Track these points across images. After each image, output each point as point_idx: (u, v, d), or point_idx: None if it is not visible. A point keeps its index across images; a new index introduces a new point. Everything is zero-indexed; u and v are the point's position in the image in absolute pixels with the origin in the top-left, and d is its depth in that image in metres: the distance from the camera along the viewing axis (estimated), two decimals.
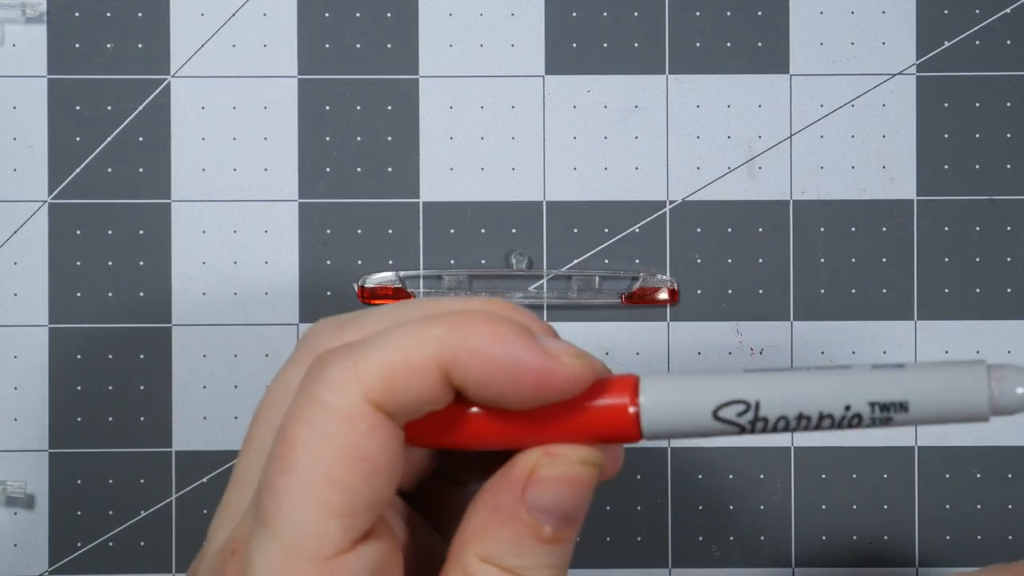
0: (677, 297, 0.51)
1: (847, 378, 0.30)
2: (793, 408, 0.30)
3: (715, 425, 0.30)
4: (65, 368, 0.51)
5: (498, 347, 0.29)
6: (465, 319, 0.30)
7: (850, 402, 0.30)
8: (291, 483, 0.29)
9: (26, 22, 0.51)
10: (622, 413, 0.31)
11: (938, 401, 0.30)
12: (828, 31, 0.52)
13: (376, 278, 0.51)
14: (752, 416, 0.30)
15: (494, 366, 0.29)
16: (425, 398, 0.30)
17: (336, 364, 0.30)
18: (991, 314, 0.52)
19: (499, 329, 0.30)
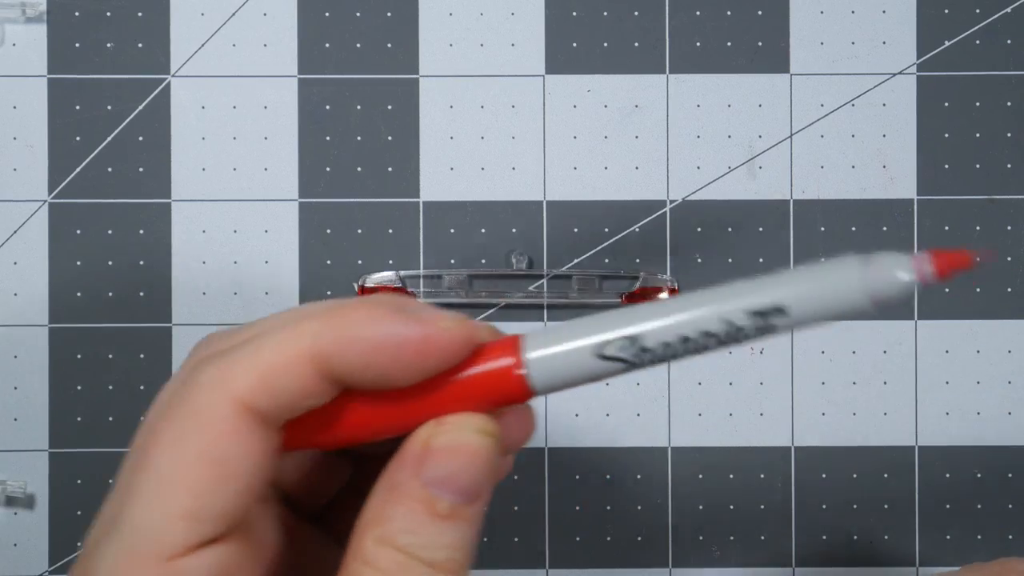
0: None
1: (722, 294, 0.30)
2: (674, 333, 0.30)
3: (603, 365, 0.30)
4: (65, 368, 0.51)
5: (373, 327, 0.29)
6: (338, 309, 0.30)
7: (729, 316, 0.30)
8: (143, 481, 0.29)
9: (26, 22, 0.51)
10: (508, 374, 0.30)
11: (816, 299, 0.29)
12: (828, 31, 0.52)
13: (376, 278, 0.51)
14: (636, 349, 0.30)
15: (372, 346, 0.29)
16: (304, 393, 0.29)
17: (208, 367, 0.29)
18: (991, 314, 0.52)
19: (372, 311, 0.30)
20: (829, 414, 0.52)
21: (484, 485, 0.30)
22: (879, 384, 0.52)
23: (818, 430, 0.52)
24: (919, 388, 0.52)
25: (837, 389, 0.52)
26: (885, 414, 0.52)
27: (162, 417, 0.29)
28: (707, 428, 0.52)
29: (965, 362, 0.52)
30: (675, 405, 0.52)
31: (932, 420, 0.52)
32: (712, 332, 0.30)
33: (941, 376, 0.52)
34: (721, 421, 0.52)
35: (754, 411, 0.52)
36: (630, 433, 0.52)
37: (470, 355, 0.30)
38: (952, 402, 0.52)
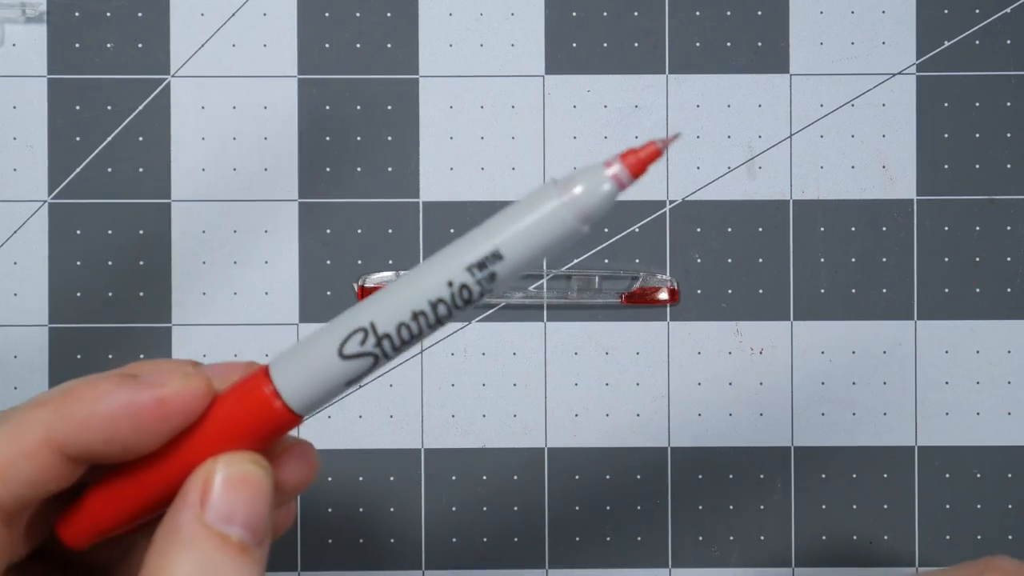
0: (677, 297, 0.51)
1: (438, 259, 0.30)
2: (404, 311, 0.29)
3: (351, 365, 0.30)
4: (65, 368, 0.51)
5: (104, 402, 0.29)
6: (62, 392, 0.29)
7: (450, 278, 0.29)
8: None
9: (26, 22, 0.51)
10: (261, 400, 0.30)
11: (526, 235, 0.29)
12: (828, 31, 0.52)
13: (376, 278, 0.51)
14: (375, 338, 0.30)
15: (107, 422, 0.29)
16: (41, 480, 0.29)
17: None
18: (991, 314, 0.52)
19: (97, 387, 0.29)
20: (829, 414, 0.52)
21: (267, 522, 0.30)
22: (879, 384, 0.52)
23: (818, 430, 0.52)
24: (919, 388, 0.52)
25: (837, 389, 0.52)
26: (885, 414, 0.52)
27: None
28: (707, 428, 0.52)
29: (965, 362, 0.52)
30: (675, 405, 0.52)
31: (932, 420, 0.52)
32: (441, 298, 0.29)
33: (941, 376, 0.52)
34: (721, 421, 0.52)
35: (754, 411, 0.52)
36: (630, 433, 0.52)
37: (222, 396, 0.30)
38: (952, 402, 0.52)
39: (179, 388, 0.30)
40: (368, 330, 0.30)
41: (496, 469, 0.52)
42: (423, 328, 0.30)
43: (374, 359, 0.30)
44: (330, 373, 0.30)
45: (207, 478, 0.29)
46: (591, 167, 0.29)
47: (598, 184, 0.29)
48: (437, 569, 0.51)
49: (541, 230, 0.29)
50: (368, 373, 0.30)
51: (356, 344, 0.30)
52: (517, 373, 0.52)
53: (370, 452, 0.51)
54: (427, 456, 0.52)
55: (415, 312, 0.30)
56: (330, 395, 0.30)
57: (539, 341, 0.52)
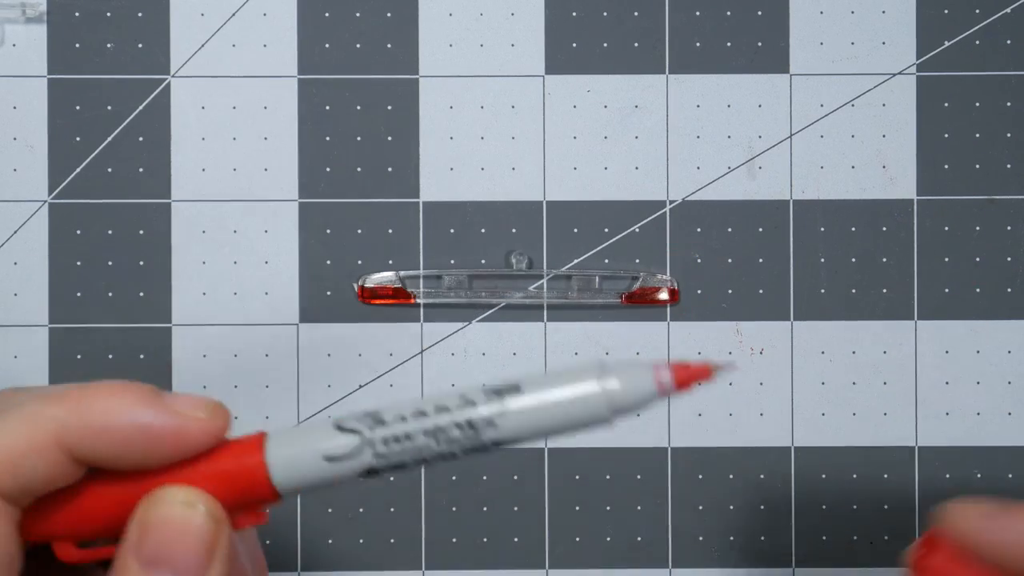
0: (677, 297, 0.51)
1: (467, 387, 0.30)
2: (409, 407, 0.30)
3: (337, 437, 0.30)
4: (65, 367, 0.51)
5: (123, 418, 0.29)
6: (85, 393, 0.29)
7: (464, 392, 0.30)
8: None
9: (26, 22, 0.51)
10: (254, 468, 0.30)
11: (552, 391, 0.29)
12: (828, 31, 0.52)
13: (376, 278, 0.51)
14: (371, 421, 0.30)
15: (122, 437, 0.29)
16: (49, 478, 0.29)
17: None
18: (991, 314, 0.52)
19: (122, 400, 0.29)
20: (829, 414, 0.52)
21: (202, 562, 0.29)
22: (879, 384, 0.52)
23: (818, 430, 0.52)
24: (919, 388, 0.52)
25: (837, 389, 0.52)
26: (885, 414, 0.52)
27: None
28: (707, 428, 0.52)
29: (965, 362, 0.52)
30: (675, 405, 0.52)
31: (932, 420, 0.52)
32: (446, 406, 0.30)
33: (941, 376, 0.52)
34: (721, 421, 0.52)
35: (754, 411, 0.52)
36: (630, 433, 0.52)
37: (218, 444, 0.30)
38: (952, 402, 0.52)
39: (200, 424, 0.30)
40: (372, 413, 0.30)
41: (496, 469, 0.52)
42: (418, 432, 0.29)
43: (361, 440, 0.30)
44: (322, 440, 0.30)
45: (143, 516, 0.29)
46: (640, 366, 0.29)
47: (642, 385, 0.29)
48: (437, 569, 0.51)
49: (568, 394, 0.29)
50: (358, 469, 0.30)
51: (355, 420, 0.30)
52: (517, 373, 0.52)
53: None
54: None
55: (419, 410, 0.30)
56: (315, 474, 0.30)
57: (539, 341, 0.52)
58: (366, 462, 0.30)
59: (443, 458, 0.30)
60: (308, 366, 0.51)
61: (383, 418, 0.30)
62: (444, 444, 0.30)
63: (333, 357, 0.51)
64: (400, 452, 0.30)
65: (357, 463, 0.30)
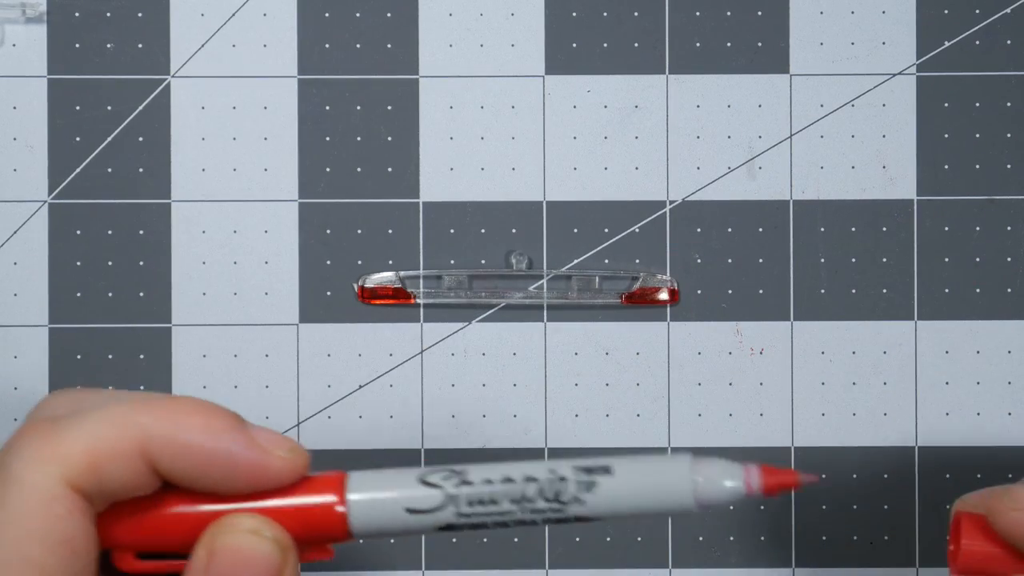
0: (677, 297, 0.51)
1: (556, 460, 0.30)
2: (498, 471, 0.30)
3: (421, 491, 0.30)
4: (65, 368, 0.51)
5: (211, 441, 0.29)
6: (175, 408, 0.29)
7: (554, 467, 0.30)
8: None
9: (26, 22, 0.51)
10: (329, 508, 0.30)
11: (642, 474, 0.30)
12: (828, 31, 0.52)
13: (376, 278, 0.51)
14: (458, 480, 0.30)
15: (206, 460, 0.29)
16: (128, 485, 0.29)
17: (37, 441, 0.29)
18: (991, 314, 0.52)
19: (210, 423, 0.29)
20: (829, 414, 0.52)
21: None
22: (879, 384, 0.52)
23: (818, 430, 0.52)
24: (919, 388, 0.52)
25: (837, 389, 0.52)
26: (885, 414, 0.52)
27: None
28: (707, 428, 0.52)
29: (965, 362, 0.52)
30: (675, 405, 0.52)
31: (932, 420, 0.52)
32: (536, 477, 0.30)
33: (941, 376, 0.52)
34: (721, 421, 0.52)
35: (754, 411, 0.52)
36: (630, 433, 0.52)
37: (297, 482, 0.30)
38: (952, 402, 0.52)
39: (284, 462, 0.30)
40: (458, 473, 0.30)
41: None
42: (503, 496, 0.30)
43: (445, 498, 0.30)
44: (403, 488, 0.30)
45: (211, 540, 0.29)
46: (731, 464, 0.30)
47: (731, 484, 0.30)
48: (437, 569, 0.51)
49: (657, 481, 0.30)
50: (435, 524, 0.30)
51: (439, 477, 0.30)
52: (517, 373, 0.52)
53: (370, 452, 0.51)
54: (427, 456, 0.52)
55: (506, 477, 0.30)
56: (394, 521, 0.30)
57: (539, 341, 0.52)
58: (446, 519, 0.30)
59: (522, 524, 0.30)
60: (308, 366, 0.51)
61: (469, 478, 0.30)
62: (527, 513, 0.30)
63: (333, 357, 0.51)
64: (482, 514, 0.30)
65: (437, 518, 0.30)
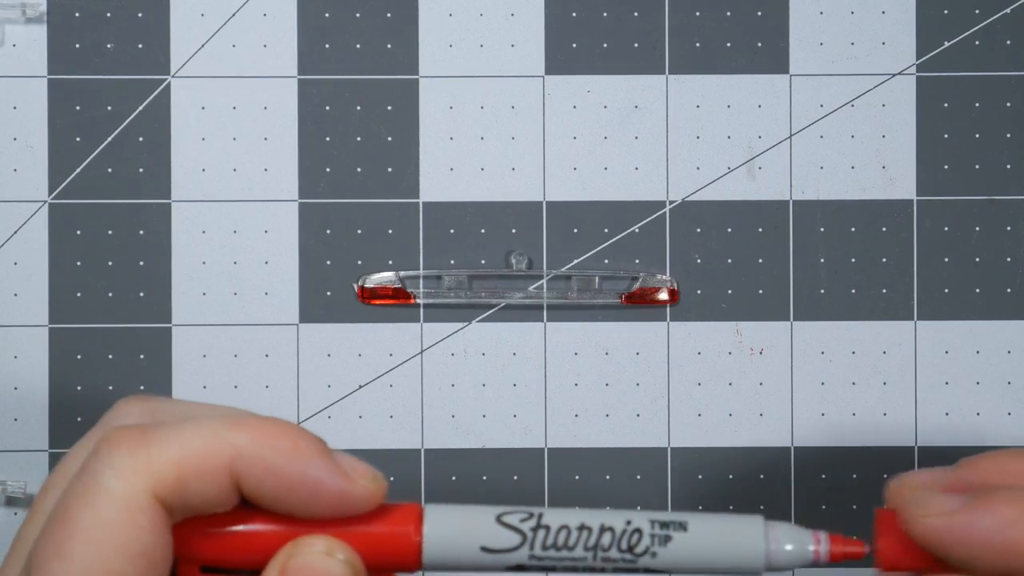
0: (677, 297, 0.52)
1: (631, 512, 0.31)
2: (575, 518, 0.30)
3: (498, 531, 0.30)
4: (65, 368, 0.51)
5: (298, 465, 0.29)
6: (266, 429, 0.29)
7: (631, 518, 0.30)
8: (66, 570, 0.28)
9: (26, 22, 0.51)
10: (406, 537, 0.31)
11: (718, 533, 0.30)
12: (828, 31, 0.52)
13: (376, 278, 0.51)
14: (535, 523, 0.30)
15: (291, 483, 0.29)
16: (211, 501, 0.29)
17: (127, 449, 0.29)
18: (991, 314, 0.52)
19: (299, 446, 0.29)
20: (829, 414, 0.52)
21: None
22: (879, 384, 0.52)
23: (818, 430, 0.52)
24: (919, 388, 0.52)
25: (837, 389, 0.52)
26: (885, 414, 0.52)
27: (78, 500, 0.28)
28: (707, 428, 0.52)
29: (965, 362, 0.52)
30: (675, 405, 0.52)
31: (932, 420, 0.52)
32: (611, 527, 0.30)
33: (941, 376, 0.52)
34: (721, 421, 0.52)
35: (754, 411, 0.52)
36: (630, 433, 0.52)
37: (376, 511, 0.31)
38: (952, 402, 0.52)
39: (365, 491, 0.30)
40: (535, 516, 0.31)
41: (496, 469, 0.52)
42: (575, 543, 0.30)
43: (521, 539, 0.30)
44: (479, 526, 0.31)
45: (285, 564, 0.30)
46: (801, 531, 0.30)
47: (801, 551, 0.30)
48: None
49: (730, 541, 0.30)
50: (506, 565, 0.30)
51: (516, 519, 0.31)
52: (517, 373, 0.52)
53: (370, 452, 0.51)
54: (427, 456, 0.52)
55: (583, 524, 0.30)
56: (463, 559, 0.31)
57: (539, 341, 0.52)
58: (519, 559, 0.31)
59: (592, 571, 0.31)
60: (308, 366, 0.51)
61: (546, 523, 0.31)
62: (600, 561, 0.30)
63: (333, 357, 0.52)
64: (555, 558, 0.30)
65: (510, 558, 0.31)
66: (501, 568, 0.31)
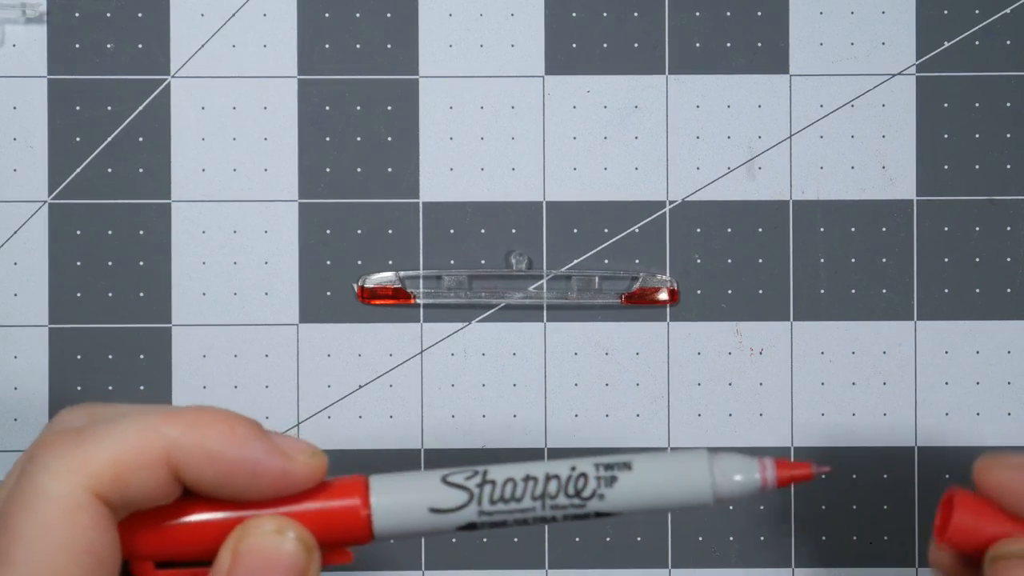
0: (677, 297, 0.52)
1: (576, 459, 0.31)
2: (519, 471, 0.31)
3: (444, 491, 0.30)
4: (65, 368, 0.51)
5: (235, 449, 0.29)
6: (199, 417, 0.29)
7: (575, 464, 0.31)
8: (13, 574, 0.28)
9: (26, 22, 0.51)
10: (353, 511, 0.31)
11: (661, 468, 0.30)
12: (828, 31, 0.52)
13: (376, 278, 0.51)
14: (480, 480, 0.30)
15: (230, 468, 0.29)
16: (152, 495, 0.29)
17: (61, 451, 0.29)
18: (991, 314, 0.52)
19: (234, 430, 0.29)
20: (829, 414, 0.52)
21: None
22: (879, 384, 0.52)
23: (818, 430, 0.52)
24: (919, 388, 0.52)
25: (837, 389, 0.52)
26: (885, 414, 0.52)
27: (16, 505, 0.28)
28: (707, 428, 0.52)
29: (965, 362, 0.52)
30: (675, 405, 0.52)
31: (932, 420, 0.52)
32: (556, 475, 0.30)
33: (941, 376, 0.52)
34: (721, 421, 0.52)
35: (754, 411, 0.52)
36: (630, 433, 0.52)
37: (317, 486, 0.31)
38: (952, 402, 0.52)
39: (305, 467, 0.30)
40: (479, 471, 0.31)
41: None
42: (522, 494, 0.30)
43: (468, 496, 0.30)
44: (424, 488, 0.31)
45: (236, 544, 0.30)
46: (747, 459, 0.31)
47: (748, 478, 0.30)
48: (437, 569, 0.51)
49: (676, 474, 0.30)
50: (454, 524, 0.30)
51: (461, 477, 0.31)
52: (517, 373, 0.52)
53: (370, 452, 0.51)
54: (427, 456, 0.52)
55: (528, 475, 0.31)
56: (415, 521, 0.31)
57: (539, 341, 0.52)
58: (469, 517, 0.31)
59: (543, 521, 0.31)
60: (308, 366, 0.51)
61: (491, 477, 0.31)
62: (549, 509, 0.31)
63: (333, 357, 0.52)
64: (504, 511, 0.31)
65: (459, 517, 0.31)
66: (452, 529, 0.31)
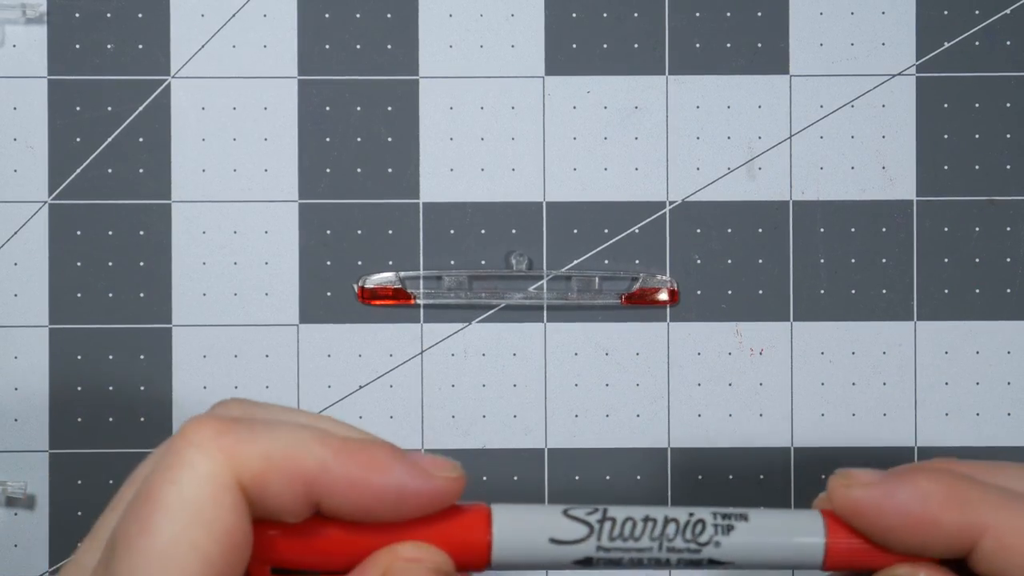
0: (677, 297, 0.52)
1: (692, 507, 0.32)
2: (640, 512, 0.31)
3: (565, 523, 0.31)
4: (65, 368, 0.51)
5: (381, 477, 0.29)
6: (345, 449, 0.29)
7: (693, 510, 0.31)
8: (151, 544, 0.28)
9: (26, 22, 0.51)
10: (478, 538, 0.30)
11: (780, 523, 0.31)
12: (828, 32, 0.52)
13: (376, 278, 0.51)
14: (600, 516, 0.31)
15: (374, 495, 0.29)
16: (282, 507, 0.29)
17: (213, 431, 0.29)
18: (991, 314, 0.52)
19: (378, 458, 0.29)
20: (829, 414, 0.52)
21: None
22: (879, 385, 0.52)
23: (818, 430, 0.52)
24: (919, 389, 0.52)
25: (837, 389, 0.52)
26: (885, 415, 0.52)
27: (162, 477, 0.28)
28: (707, 428, 0.52)
29: (965, 363, 0.52)
30: (675, 406, 0.52)
31: (932, 421, 0.52)
32: (675, 519, 0.31)
33: (941, 377, 0.52)
34: (721, 421, 0.52)
35: (754, 411, 0.52)
36: (630, 433, 0.52)
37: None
38: (952, 402, 0.52)
39: (447, 483, 0.30)
40: (600, 509, 0.31)
41: (496, 470, 0.52)
42: (640, 533, 0.31)
43: (588, 530, 0.31)
44: (546, 521, 0.31)
45: (388, 572, 0.29)
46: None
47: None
48: None
49: (791, 533, 0.31)
50: (577, 544, 0.31)
51: (583, 512, 0.31)
52: (517, 374, 0.52)
53: None
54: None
55: (648, 516, 0.31)
56: (532, 554, 0.31)
57: (539, 342, 0.52)
58: (587, 552, 0.31)
59: (657, 564, 0.31)
60: (308, 366, 0.51)
61: (611, 515, 0.31)
62: (665, 551, 0.31)
63: (333, 357, 0.52)
64: (622, 549, 0.31)
65: (577, 550, 0.31)
66: (568, 563, 0.31)
